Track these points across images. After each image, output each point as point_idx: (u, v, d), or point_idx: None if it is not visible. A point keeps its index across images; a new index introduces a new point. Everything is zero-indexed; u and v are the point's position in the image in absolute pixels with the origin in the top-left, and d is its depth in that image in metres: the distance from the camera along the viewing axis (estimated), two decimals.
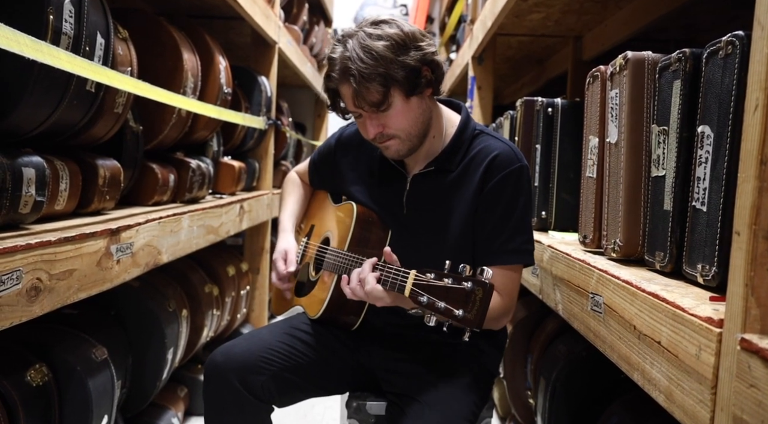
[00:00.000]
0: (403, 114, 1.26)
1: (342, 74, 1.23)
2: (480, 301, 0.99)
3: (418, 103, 1.27)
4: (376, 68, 1.20)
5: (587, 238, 1.26)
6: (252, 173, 2.84)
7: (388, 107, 1.24)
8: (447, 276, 1.04)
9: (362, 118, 1.29)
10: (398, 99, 1.24)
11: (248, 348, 1.31)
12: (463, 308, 1.00)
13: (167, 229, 1.70)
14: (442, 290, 1.03)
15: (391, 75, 1.21)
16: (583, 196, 1.30)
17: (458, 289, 1.01)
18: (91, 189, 1.52)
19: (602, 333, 1.03)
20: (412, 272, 1.09)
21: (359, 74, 1.20)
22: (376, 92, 1.22)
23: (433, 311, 1.03)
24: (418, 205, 1.36)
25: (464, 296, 1.00)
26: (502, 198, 1.27)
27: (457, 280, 1.02)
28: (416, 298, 1.05)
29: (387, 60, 1.20)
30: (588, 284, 1.11)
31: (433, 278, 1.05)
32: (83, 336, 1.52)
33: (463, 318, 1.00)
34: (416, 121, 1.28)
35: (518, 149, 1.33)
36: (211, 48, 2.23)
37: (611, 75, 1.14)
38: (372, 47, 1.20)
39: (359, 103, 1.24)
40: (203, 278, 2.45)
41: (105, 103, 1.50)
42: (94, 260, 1.31)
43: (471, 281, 1.01)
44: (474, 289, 1.00)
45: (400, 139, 1.29)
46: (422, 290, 1.04)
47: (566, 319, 1.26)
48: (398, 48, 1.21)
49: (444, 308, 1.01)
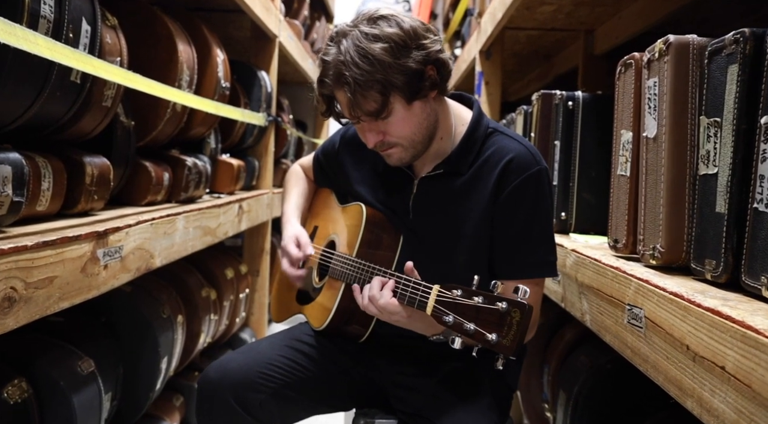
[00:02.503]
0: (405, 121, 1.14)
1: (336, 80, 1.12)
2: (517, 325, 0.87)
3: (421, 108, 1.16)
4: (373, 75, 1.08)
5: (619, 242, 1.14)
6: (251, 172, 2.73)
7: (387, 115, 1.13)
8: (476, 294, 0.92)
9: (360, 125, 1.18)
10: (399, 105, 1.13)
11: (245, 363, 1.20)
12: (497, 331, 0.88)
13: (160, 231, 1.59)
14: (472, 309, 0.91)
15: (391, 81, 1.09)
16: (614, 196, 1.19)
17: (491, 309, 0.89)
18: (77, 188, 1.41)
19: (643, 351, 0.92)
20: (435, 287, 0.98)
21: (354, 82, 1.08)
22: (374, 101, 1.11)
23: (460, 334, 0.91)
24: (426, 210, 1.25)
25: (498, 317, 0.89)
26: (522, 206, 1.16)
27: (488, 299, 0.91)
28: (440, 317, 0.93)
29: (385, 65, 1.08)
30: (624, 295, 1.00)
31: (461, 295, 0.93)
32: (69, 347, 1.41)
33: (496, 344, 0.88)
34: (419, 128, 1.17)
35: (536, 150, 1.21)
36: (209, 40, 2.12)
37: (648, 62, 1.03)
38: (368, 50, 1.08)
39: (355, 111, 1.13)
40: (200, 281, 2.34)
41: (92, 96, 1.39)
42: (77, 265, 1.20)
43: (506, 301, 0.89)
44: (509, 310, 0.88)
45: (402, 147, 1.18)
46: (447, 308, 0.93)
47: (595, 331, 1.14)
48: (398, 50, 1.09)
49: (474, 331, 0.89)
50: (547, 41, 3.28)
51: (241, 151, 2.75)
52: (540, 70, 3.99)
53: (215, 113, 2.04)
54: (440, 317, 0.94)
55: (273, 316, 1.55)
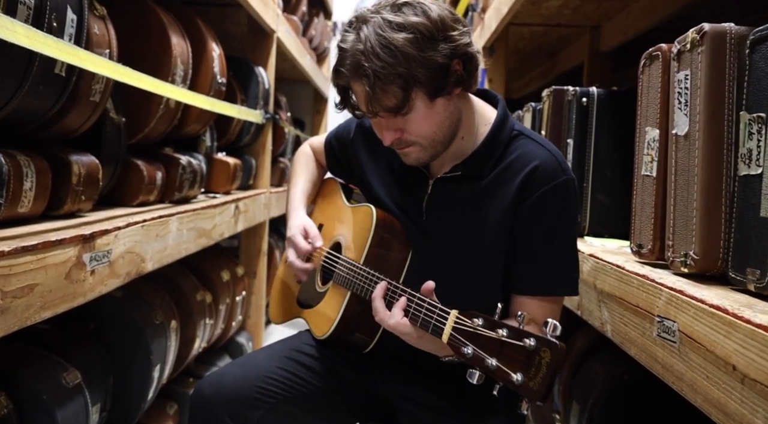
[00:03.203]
0: (426, 119, 1.06)
1: (353, 71, 1.03)
2: (546, 366, 0.77)
3: (444, 105, 1.07)
4: (394, 67, 0.99)
5: (643, 247, 1.07)
6: (248, 171, 2.65)
7: (408, 111, 1.04)
8: (501, 325, 0.82)
9: (377, 120, 1.10)
10: (420, 102, 1.04)
11: (242, 377, 1.12)
12: (523, 372, 0.78)
13: (152, 233, 1.51)
14: (494, 343, 0.82)
15: (413, 75, 1.00)
16: (637, 197, 1.11)
17: (517, 346, 0.79)
18: (63, 188, 1.32)
19: (677, 368, 0.84)
20: (453, 312, 0.89)
21: (374, 74, 1.00)
22: (394, 96, 1.02)
23: (480, 369, 0.82)
24: (441, 213, 1.16)
25: (525, 356, 0.79)
26: (544, 217, 1.08)
27: (515, 333, 0.81)
28: (458, 348, 0.84)
29: (408, 57, 1.00)
30: (653, 305, 0.92)
31: (482, 326, 0.83)
32: (54, 358, 1.32)
33: (521, 386, 0.78)
34: (441, 126, 1.09)
35: (563, 158, 1.12)
36: (204, 33, 2.04)
37: (679, 54, 0.95)
38: (391, 41, 0.99)
39: (373, 107, 1.04)
40: (195, 284, 2.25)
41: (79, 90, 1.30)
42: (61, 272, 1.12)
43: (535, 337, 0.79)
44: (538, 349, 0.78)
45: (421, 146, 1.10)
46: (466, 338, 0.83)
47: (618, 343, 1.07)
48: (423, 42, 1.01)
49: (495, 368, 0.80)
50: (551, 38, 3.21)
51: (237, 149, 2.67)
52: (543, 67, 3.92)
53: (210, 110, 1.95)
54: (458, 347, 0.84)
55: (271, 316, 1.46)
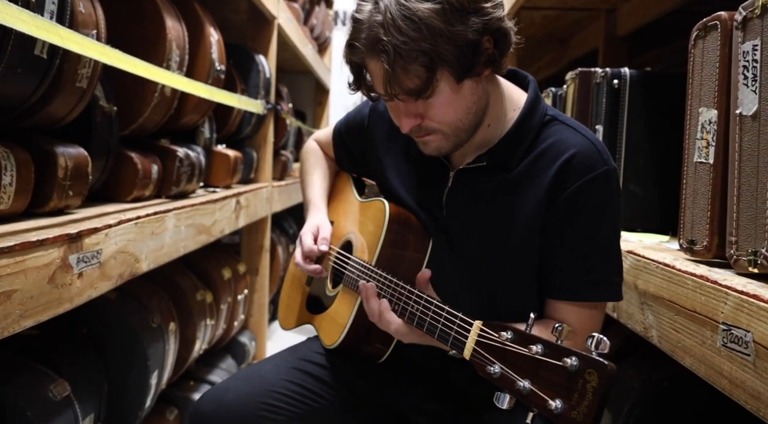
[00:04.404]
0: (450, 103, 0.94)
1: (371, 47, 0.91)
2: (593, 392, 0.63)
3: (471, 88, 0.95)
4: (418, 43, 0.87)
5: (696, 244, 0.95)
6: (249, 164, 2.53)
7: (431, 94, 0.92)
8: (535, 340, 0.69)
9: (395, 103, 0.97)
10: (445, 84, 0.92)
11: (246, 393, 1.00)
12: (563, 398, 0.64)
13: (147, 230, 1.39)
14: (527, 361, 0.68)
15: (440, 53, 0.88)
16: (687, 188, 0.99)
17: (555, 366, 0.66)
18: (48, 183, 1.21)
19: (751, 385, 0.73)
20: (477, 323, 0.77)
21: (395, 51, 0.87)
22: (417, 76, 0.89)
23: (510, 392, 0.69)
24: (462, 209, 1.04)
25: (566, 379, 0.65)
26: (583, 213, 0.95)
27: (552, 350, 0.67)
28: (483, 366, 0.71)
29: (435, 31, 0.87)
30: (715, 311, 0.81)
31: (511, 340, 0.70)
32: (41, 368, 1.21)
33: (561, 415, 0.64)
34: (467, 113, 0.96)
35: (603, 145, 1.00)
36: (201, 17, 1.92)
37: (744, 21, 0.83)
38: (415, 11, 0.86)
39: (392, 88, 0.91)
40: (195, 283, 2.14)
41: (63, 74, 1.19)
42: (44, 275, 1.00)
43: (577, 356, 0.65)
44: (582, 370, 0.64)
45: (443, 134, 0.97)
46: (493, 354, 0.70)
47: (667, 351, 0.95)
48: (452, 13, 0.88)
49: (529, 392, 0.67)
50: (563, 23, 3.09)
51: (237, 141, 2.55)
52: (553, 54, 3.79)
53: (209, 98, 1.83)
54: (483, 365, 0.71)
55: (280, 321, 1.35)
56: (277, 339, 3.26)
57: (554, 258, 0.98)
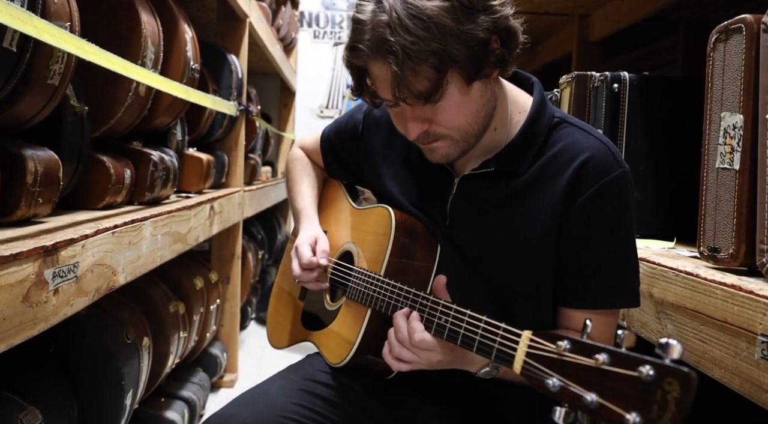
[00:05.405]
0: (460, 107, 0.89)
1: (376, 49, 0.85)
2: (676, 404, 0.56)
3: (481, 91, 0.90)
4: (428, 43, 0.81)
5: (720, 251, 0.92)
6: (221, 168, 2.43)
7: (440, 97, 0.86)
8: (598, 349, 0.63)
9: (399, 109, 0.91)
10: (455, 86, 0.87)
11: (254, 420, 0.92)
12: (640, 410, 0.58)
13: (125, 240, 1.29)
14: (591, 373, 0.62)
15: (450, 53, 0.83)
16: (708, 194, 0.97)
17: (626, 377, 0.60)
18: (15, 190, 1.10)
19: None
20: (525, 334, 0.71)
21: (403, 52, 0.81)
22: (426, 78, 0.84)
23: (575, 407, 0.62)
24: (468, 217, 0.99)
25: (640, 390, 0.59)
26: (601, 218, 0.92)
27: (620, 359, 0.61)
28: (541, 380, 0.65)
29: (445, 30, 0.82)
30: (752, 322, 0.78)
31: (570, 350, 0.64)
32: (6, 395, 1.10)
33: None
34: (476, 117, 0.91)
35: (615, 147, 0.96)
36: (175, 13, 1.81)
37: None
38: (423, 10, 0.81)
39: (400, 92, 0.85)
40: (167, 294, 2.02)
41: (33, 70, 1.08)
42: (17, 293, 0.90)
43: (652, 365, 0.58)
44: (659, 380, 0.58)
45: (451, 140, 0.92)
46: (548, 366, 0.65)
47: (692, 363, 0.92)
48: (461, 11, 0.83)
49: (597, 406, 0.60)
50: (536, 27, 3.10)
51: (208, 144, 2.44)
52: (523, 59, 3.80)
53: (185, 99, 1.73)
54: (540, 379, 0.65)
55: (270, 339, 1.27)
56: (246, 349, 3.14)
57: (571, 266, 0.94)
